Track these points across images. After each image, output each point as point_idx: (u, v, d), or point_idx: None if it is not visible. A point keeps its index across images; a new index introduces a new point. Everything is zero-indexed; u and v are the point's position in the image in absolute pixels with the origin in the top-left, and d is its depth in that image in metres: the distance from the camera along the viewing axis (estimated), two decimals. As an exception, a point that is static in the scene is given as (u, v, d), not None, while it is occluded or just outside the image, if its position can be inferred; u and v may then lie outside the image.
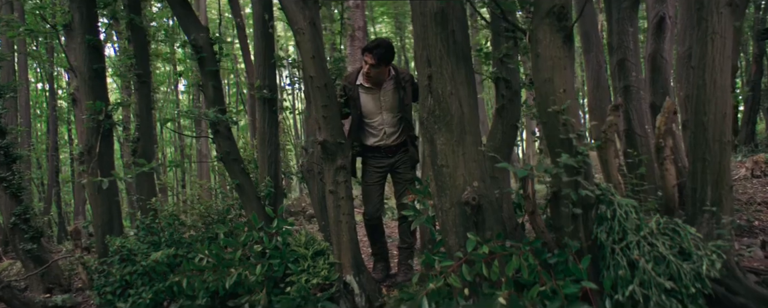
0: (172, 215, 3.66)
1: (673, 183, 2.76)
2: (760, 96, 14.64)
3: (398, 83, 3.43)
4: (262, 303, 3.06)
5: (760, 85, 14.52)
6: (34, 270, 5.91)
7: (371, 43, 3.38)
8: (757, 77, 13.66)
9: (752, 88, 13.54)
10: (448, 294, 2.41)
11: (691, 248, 2.48)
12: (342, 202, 3.26)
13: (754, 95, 13.46)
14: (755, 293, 2.59)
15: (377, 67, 3.31)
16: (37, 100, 19.33)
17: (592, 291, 2.24)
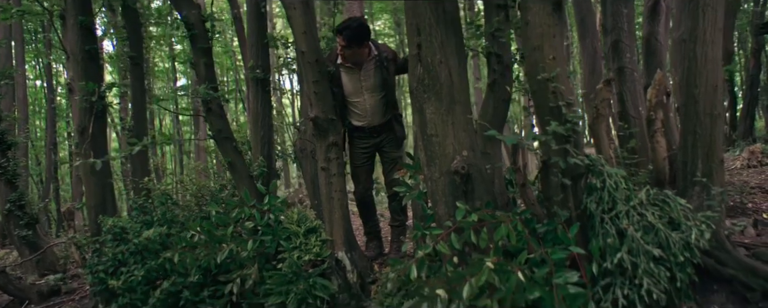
0: (165, 194, 3.65)
1: (663, 156, 2.76)
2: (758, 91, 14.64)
3: (380, 62, 3.39)
4: (254, 277, 3.06)
5: (758, 79, 14.51)
6: (29, 257, 5.91)
7: (341, 24, 3.31)
8: (756, 72, 13.65)
9: (751, 83, 13.54)
10: (437, 262, 2.41)
11: (680, 218, 2.48)
12: (334, 179, 3.26)
13: (753, 90, 13.46)
14: (744, 264, 2.60)
15: (350, 48, 3.26)
16: (36, 96, 19.31)
17: (580, 257, 2.24)
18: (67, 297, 5.70)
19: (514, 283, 2.07)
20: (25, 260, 5.91)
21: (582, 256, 2.26)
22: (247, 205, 3.18)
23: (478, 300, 2.14)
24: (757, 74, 13.93)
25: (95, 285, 3.65)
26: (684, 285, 2.40)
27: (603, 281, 2.35)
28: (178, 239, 3.18)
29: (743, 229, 3.41)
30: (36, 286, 5.86)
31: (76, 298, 5.59)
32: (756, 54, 13.58)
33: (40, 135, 18.30)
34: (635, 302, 2.28)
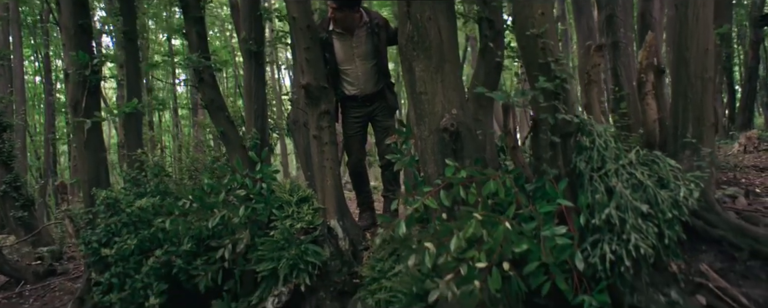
0: (157, 165, 3.65)
1: (653, 119, 2.76)
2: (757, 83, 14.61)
3: (372, 29, 3.39)
4: (245, 242, 3.06)
5: (757, 71, 14.49)
6: (25, 237, 5.92)
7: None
8: (754, 64, 13.64)
9: (749, 76, 13.52)
10: (426, 218, 2.41)
11: (669, 178, 2.49)
12: (326, 148, 3.26)
13: (751, 83, 13.44)
14: (733, 225, 2.60)
15: (341, 11, 3.27)
16: (35, 91, 19.28)
17: (568, 211, 2.24)
18: (62, 278, 5.72)
19: (501, 234, 2.07)
20: (21, 240, 5.91)
21: (570, 210, 2.26)
22: (238, 173, 3.18)
23: (465, 253, 2.14)
24: (755, 67, 13.91)
25: (89, 255, 3.65)
26: (672, 242, 2.41)
27: (591, 237, 2.36)
28: (170, 206, 3.18)
29: (735, 199, 3.42)
30: (31, 267, 5.88)
31: (72, 278, 5.61)
32: (754, 46, 13.56)
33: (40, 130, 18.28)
34: (623, 257, 2.28)
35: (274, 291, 3.07)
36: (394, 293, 2.80)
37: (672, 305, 2.37)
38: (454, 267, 2.13)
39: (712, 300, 2.37)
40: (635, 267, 2.33)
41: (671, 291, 2.38)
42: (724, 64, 13.45)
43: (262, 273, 3.15)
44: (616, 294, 2.38)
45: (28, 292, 5.49)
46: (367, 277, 3.01)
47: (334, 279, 3.12)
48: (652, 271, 2.40)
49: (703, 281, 2.41)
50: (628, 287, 2.36)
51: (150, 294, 3.33)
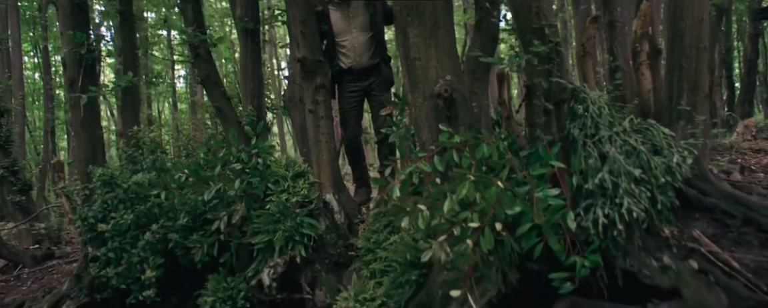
0: (153, 141, 3.66)
1: (648, 88, 2.76)
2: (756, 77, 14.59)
3: None
4: (241, 213, 3.07)
5: (756, 65, 14.48)
6: (22, 221, 5.93)
7: None
8: (754, 57, 13.63)
9: (748, 69, 13.52)
10: (419, 192, 2.42)
11: (663, 145, 2.49)
12: (321, 122, 3.26)
13: (750, 76, 13.44)
14: (725, 193, 2.61)
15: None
16: (34, 86, 19.25)
17: (560, 173, 2.24)
18: (61, 261, 5.73)
19: (494, 195, 2.08)
20: (19, 224, 5.92)
21: (563, 172, 2.27)
22: (234, 146, 3.19)
23: (458, 215, 2.15)
24: (755, 60, 13.90)
25: (85, 232, 3.66)
26: (665, 208, 2.41)
27: (584, 202, 2.36)
28: (166, 179, 3.19)
29: (730, 174, 3.43)
30: (30, 251, 5.89)
31: (70, 261, 5.62)
32: (754, 39, 13.54)
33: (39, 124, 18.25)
34: (615, 221, 2.29)
35: (269, 262, 3.09)
36: (389, 262, 2.82)
37: (664, 269, 2.38)
38: (448, 228, 2.14)
39: (704, 265, 2.38)
40: (628, 231, 2.34)
41: (663, 255, 2.39)
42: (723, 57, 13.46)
43: (257, 245, 3.17)
44: (608, 258, 2.39)
45: (26, 275, 5.51)
46: (362, 248, 3.02)
47: (330, 251, 3.14)
48: (644, 236, 2.41)
49: (695, 246, 2.42)
50: (621, 251, 2.37)
51: (146, 268, 3.34)
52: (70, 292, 3.98)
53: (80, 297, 3.86)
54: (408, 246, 2.72)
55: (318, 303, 3.06)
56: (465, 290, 2.11)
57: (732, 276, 2.34)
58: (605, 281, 2.42)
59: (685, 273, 2.35)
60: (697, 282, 2.33)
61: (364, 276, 2.97)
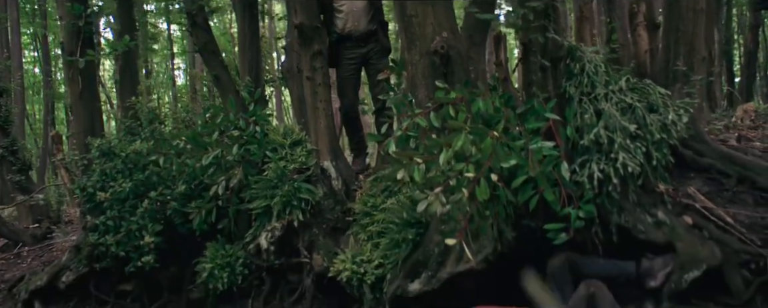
0: (152, 111, 3.66)
1: (645, 50, 2.77)
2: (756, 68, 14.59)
3: None
4: (239, 178, 3.08)
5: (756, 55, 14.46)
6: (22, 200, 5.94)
7: None
8: (754, 48, 13.60)
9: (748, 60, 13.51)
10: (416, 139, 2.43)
11: (658, 103, 2.50)
12: (319, 89, 3.27)
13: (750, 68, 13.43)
14: (720, 153, 2.63)
15: None
16: (34, 79, 19.24)
17: (555, 126, 2.25)
18: (60, 240, 5.75)
19: (489, 146, 2.09)
20: (18, 203, 5.94)
21: (557, 125, 2.27)
22: (231, 112, 3.19)
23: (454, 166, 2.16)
24: (755, 51, 13.87)
25: (84, 202, 3.67)
26: (660, 165, 2.43)
27: (579, 158, 2.38)
28: (164, 145, 3.20)
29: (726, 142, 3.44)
30: (29, 230, 5.91)
31: (70, 240, 5.64)
32: (754, 29, 13.51)
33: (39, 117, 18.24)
34: (610, 175, 2.30)
35: (267, 227, 3.10)
36: (386, 224, 2.83)
37: (659, 225, 2.39)
38: (444, 180, 2.15)
39: (699, 220, 2.40)
40: (622, 186, 2.36)
41: (658, 211, 2.41)
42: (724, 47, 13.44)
43: (255, 210, 3.18)
44: (603, 213, 2.41)
45: (26, 253, 5.53)
46: (359, 213, 3.03)
47: (327, 217, 3.16)
48: (639, 192, 2.42)
49: (690, 202, 2.44)
50: (616, 207, 2.39)
51: (145, 235, 3.36)
52: (70, 263, 4.01)
53: (80, 267, 3.89)
54: (405, 206, 2.74)
55: (315, 267, 3.08)
56: (461, 239, 2.12)
57: (726, 231, 2.36)
58: (600, 237, 2.44)
59: (680, 228, 2.37)
60: (691, 236, 2.35)
61: (361, 239, 2.99)
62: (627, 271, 2.39)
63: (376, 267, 2.80)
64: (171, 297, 3.72)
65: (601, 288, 2.20)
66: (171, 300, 3.71)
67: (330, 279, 3.07)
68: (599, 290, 2.19)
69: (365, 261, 2.84)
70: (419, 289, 2.60)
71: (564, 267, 2.40)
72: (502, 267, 2.60)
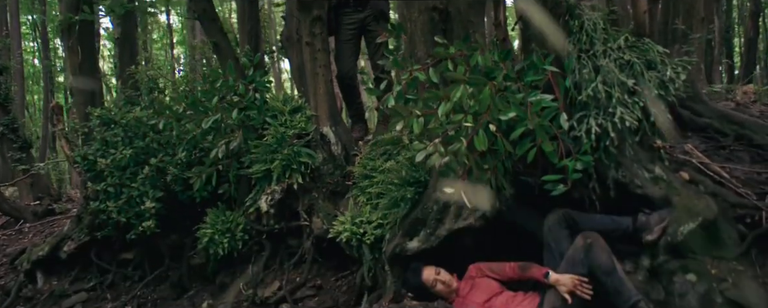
0: (152, 80, 3.67)
1: (644, 9, 2.76)
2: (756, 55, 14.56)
3: None
4: (239, 141, 3.10)
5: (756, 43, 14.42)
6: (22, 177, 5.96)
7: None
8: (754, 35, 13.57)
9: (748, 47, 13.48)
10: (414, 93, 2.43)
11: (657, 60, 2.51)
12: (318, 55, 3.27)
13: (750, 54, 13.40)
14: (718, 112, 2.65)
15: None
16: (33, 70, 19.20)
17: (554, 78, 2.26)
18: (61, 216, 5.78)
19: (488, 96, 2.10)
20: (18, 180, 5.96)
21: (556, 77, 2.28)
22: (231, 77, 3.20)
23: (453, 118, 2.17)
24: (755, 38, 13.84)
25: (85, 172, 3.69)
26: (657, 120, 2.44)
27: (577, 114, 2.39)
28: (164, 109, 3.21)
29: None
30: (31, 207, 5.94)
31: (70, 216, 5.67)
32: (754, 17, 13.47)
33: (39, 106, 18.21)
34: (608, 130, 2.31)
35: (267, 190, 3.12)
36: (385, 185, 2.85)
37: (655, 180, 2.41)
38: (443, 132, 2.17)
39: (695, 175, 2.42)
40: (620, 141, 2.37)
41: (655, 167, 2.42)
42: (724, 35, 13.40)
43: (255, 175, 3.20)
44: (600, 168, 2.43)
45: (27, 229, 5.56)
46: (358, 176, 3.05)
47: (327, 181, 3.17)
48: (637, 148, 2.44)
49: (687, 158, 2.46)
50: (613, 162, 2.41)
51: (146, 200, 3.38)
52: (71, 233, 4.04)
53: (81, 236, 3.92)
54: (404, 166, 2.76)
55: (315, 230, 3.10)
56: (459, 190, 2.14)
57: (722, 186, 2.38)
58: (597, 192, 2.46)
59: (676, 183, 2.39)
60: (688, 191, 2.37)
61: (360, 202, 3.01)
62: (623, 226, 2.40)
63: (376, 228, 2.82)
64: (172, 264, 3.75)
65: (597, 238, 2.22)
66: (172, 267, 3.75)
67: (329, 243, 3.10)
68: (596, 240, 2.21)
69: (365, 222, 2.86)
70: (418, 247, 2.62)
71: (561, 222, 2.42)
72: (500, 225, 2.62)
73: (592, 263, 2.17)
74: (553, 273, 2.23)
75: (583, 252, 2.21)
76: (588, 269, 2.17)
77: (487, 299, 2.33)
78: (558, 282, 2.19)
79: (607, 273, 2.14)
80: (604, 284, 2.14)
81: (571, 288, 2.14)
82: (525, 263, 2.36)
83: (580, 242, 2.23)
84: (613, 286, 2.12)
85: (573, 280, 2.15)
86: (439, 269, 2.48)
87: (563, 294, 2.15)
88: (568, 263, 2.23)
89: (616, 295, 2.11)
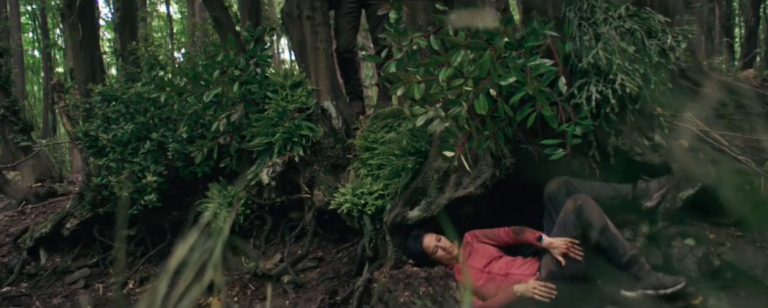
0: (152, 56, 3.67)
1: (644, -19, 2.76)
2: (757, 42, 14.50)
3: None
4: (239, 113, 3.11)
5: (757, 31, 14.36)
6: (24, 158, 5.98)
7: None
8: (755, 24, 13.52)
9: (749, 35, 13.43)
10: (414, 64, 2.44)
11: (657, 28, 2.51)
12: (319, 28, 3.27)
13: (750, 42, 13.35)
14: (718, 81, 2.64)
15: None
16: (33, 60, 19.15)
17: (554, 44, 2.26)
18: (63, 198, 5.81)
19: (488, 59, 2.11)
20: (20, 161, 5.97)
21: (556, 40, 2.28)
22: (231, 50, 3.20)
23: (454, 83, 2.18)
24: (756, 26, 13.78)
25: (87, 146, 3.70)
26: (658, 89, 2.44)
27: (578, 81, 2.40)
28: (164, 82, 3.21)
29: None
30: (33, 188, 5.96)
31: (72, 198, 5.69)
32: (755, 5, 13.41)
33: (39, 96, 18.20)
34: (609, 97, 2.33)
35: (268, 163, 3.13)
36: (387, 156, 2.86)
37: (655, 147, 2.43)
38: (443, 97, 2.17)
39: (695, 143, 2.43)
40: (620, 109, 2.38)
41: (655, 134, 2.44)
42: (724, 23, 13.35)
43: (256, 148, 3.21)
44: (600, 135, 2.44)
45: (29, 210, 5.59)
46: (359, 148, 3.06)
47: (328, 154, 3.18)
48: (637, 116, 2.45)
49: (686, 126, 2.47)
50: (613, 129, 2.42)
51: (147, 175, 3.39)
52: (73, 210, 4.06)
53: (83, 213, 3.94)
54: (405, 135, 2.77)
55: (316, 203, 3.12)
56: (459, 153, 2.16)
57: (722, 153, 2.39)
58: (597, 159, 2.47)
59: (676, 150, 2.40)
60: (687, 157, 2.38)
61: (361, 174, 3.03)
62: (623, 193, 2.42)
63: (377, 198, 2.83)
64: (174, 240, 3.77)
65: (587, 199, 2.24)
66: (174, 243, 3.77)
67: (330, 215, 3.12)
68: (586, 201, 2.23)
69: (366, 193, 2.87)
70: (418, 216, 2.64)
71: (561, 190, 2.43)
72: (500, 194, 2.64)
73: (584, 223, 2.20)
74: (546, 237, 2.26)
75: (573, 214, 2.23)
76: (581, 230, 2.20)
77: (486, 263, 2.35)
78: (551, 245, 2.22)
79: (600, 231, 2.17)
80: (598, 243, 2.18)
81: (564, 250, 2.17)
82: (518, 227, 2.39)
83: (570, 205, 2.25)
84: (608, 243, 2.15)
85: (565, 242, 2.18)
86: (439, 236, 2.51)
87: (557, 256, 2.19)
88: (559, 227, 2.26)
89: (612, 252, 2.15)
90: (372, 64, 3.95)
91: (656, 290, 2.06)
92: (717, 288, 2.19)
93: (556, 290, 2.15)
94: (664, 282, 2.06)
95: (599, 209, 2.19)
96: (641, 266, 2.12)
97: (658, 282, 2.07)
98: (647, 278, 2.09)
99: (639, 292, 2.09)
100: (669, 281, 2.06)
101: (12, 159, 6.24)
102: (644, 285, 2.08)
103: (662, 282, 2.06)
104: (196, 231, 0.68)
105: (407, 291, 2.39)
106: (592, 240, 2.17)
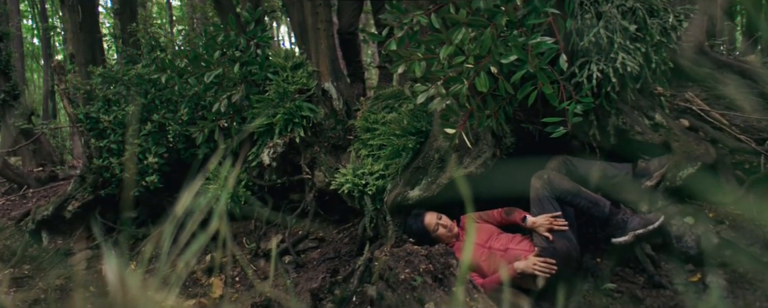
0: (152, 38, 3.65)
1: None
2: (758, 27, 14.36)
3: None
4: (240, 94, 3.10)
5: (760, 19, 14.25)
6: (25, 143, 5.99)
7: None
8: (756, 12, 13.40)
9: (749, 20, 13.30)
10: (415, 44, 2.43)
11: (659, 7, 2.50)
12: (320, 9, 3.26)
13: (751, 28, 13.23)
14: (718, 61, 2.64)
15: None
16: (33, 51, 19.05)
17: (555, 21, 2.25)
18: (64, 182, 5.83)
19: (489, 37, 2.10)
20: (21, 146, 5.98)
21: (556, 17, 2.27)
22: (232, 30, 3.18)
23: (455, 60, 2.17)
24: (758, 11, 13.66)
25: (89, 129, 3.70)
26: (659, 68, 2.44)
27: (579, 60, 2.39)
28: (165, 63, 3.20)
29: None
30: (34, 173, 5.98)
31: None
32: (759, -7, 13.28)
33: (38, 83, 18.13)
34: (610, 75, 2.32)
35: (269, 143, 3.14)
36: (387, 136, 2.87)
37: (656, 127, 2.43)
38: (445, 75, 2.17)
39: (695, 122, 2.43)
40: (621, 87, 2.38)
41: (655, 114, 2.44)
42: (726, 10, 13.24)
43: (257, 129, 3.22)
44: (601, 115, 2.44)
45: (30, 194, 5.61)
46: (360, 129, 3.06)
47: (329, 135, 3.19)
48: (638, 96, 2.45)
49: (687, 106, 2.47)
50: (614, 108, 2.42)
51: (148, 156, 3.40)
52: (75, 192, 4.08)
53: (85, 195, 3.96)
54: (405, 115, 2.77)
55: (317, 183, 3.13)
56: (460, 130, 2.16)
57: (722, 132, 2.39)
58: (597, 138, 2.48)
59: (676, 130, 2.41)
60: (687, 137, 2.39)
61: (362, 155, 3.03)
62: (623, 172, 2.43)
63: (377, 178, 2.84)
64: (175, 222, 3.79)
65: (550, 172, 2.35)
66: (175, 224, 3.78)
67: (331, 196, 3.13)
68: (550, 174, 2.35)
69: (366, 174, 2.88)
70: (419, 195, 2.65)
71: (561, 169, 2.44)
72: (500, 172, 2.65)
73: (557, 194, 2.27)
74: (529, 217, 2.30)
75: (544, 189, 2.28)
76: (557, 200, 2.26)
77: (486, 239, 2.37)
78: (535, 224, 2.26)
79: (574, 195, 2.26)
80: (578, 205, 2.27)
81: (548, 226, 2.23)
82: (510, 208, 2.43)
83: (537, 183, 2.31)
84: (588, 201, 2.25)
85: (547, 218, 2.25)
86: (440, 214, 2.52)
87: (543, 233, 2.23)
88: (536, 206, 2.32)
89: (594, 207, 2.24)
90: (374, 45, 3.93)
91: (645, 227, 2.19)
92: (716, 265, 2.21)
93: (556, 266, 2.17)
94: (648, 219, 2.22)
95: (565, 177, 2.29)
96: (624, 211, 2.27)
97: (644, 220, 2.21)
98: (632, 221, 2.22)
99: (629, 234, 2.21)
100: (652, 217, 2.22)
101: (13, 143, 6.25)
102: (633, 227, 2.21)
103: (647, 220, 2.21)
104: (201, 178, 0.69)
105: (408, 268, 2.40)
106: (571, 204, 2.25)
